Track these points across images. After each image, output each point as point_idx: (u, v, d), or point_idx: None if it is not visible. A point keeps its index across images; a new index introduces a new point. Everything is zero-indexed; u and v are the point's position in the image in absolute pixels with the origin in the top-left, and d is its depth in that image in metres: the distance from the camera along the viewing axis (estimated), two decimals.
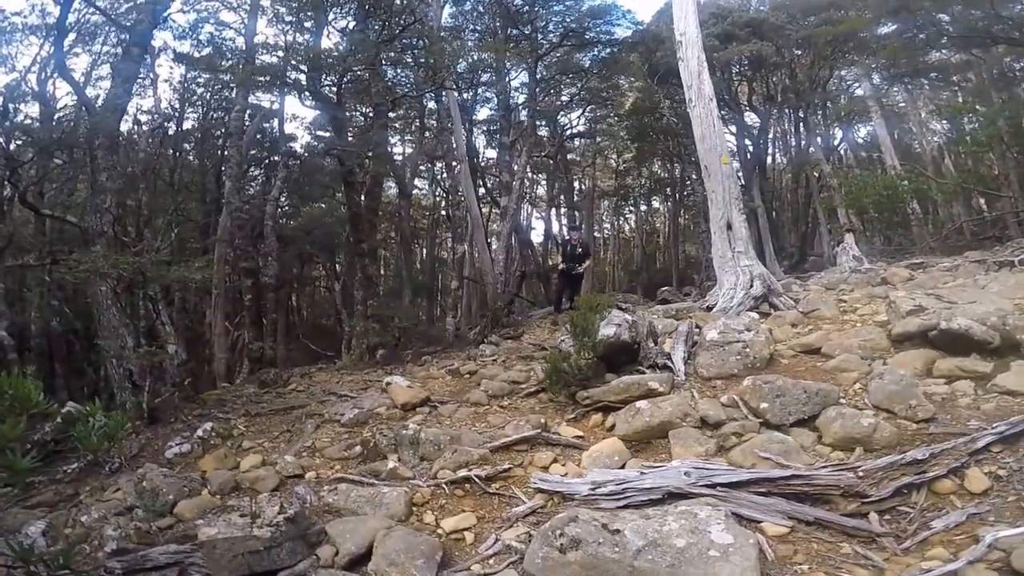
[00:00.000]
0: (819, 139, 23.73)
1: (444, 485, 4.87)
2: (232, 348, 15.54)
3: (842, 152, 28.46)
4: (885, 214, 20.57)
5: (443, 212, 27.65)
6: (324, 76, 12.59)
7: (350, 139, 13.39)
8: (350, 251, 15.94)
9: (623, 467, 4.83)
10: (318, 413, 7.42)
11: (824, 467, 4.29)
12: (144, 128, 19.88)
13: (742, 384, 5.64)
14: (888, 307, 7.51)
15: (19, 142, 12.49)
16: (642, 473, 4.38)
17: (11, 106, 14.42)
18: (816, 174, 22.84)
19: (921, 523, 3.77)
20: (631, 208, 38.44)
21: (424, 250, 32.04)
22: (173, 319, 13.58)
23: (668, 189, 32.53)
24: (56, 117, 15.28)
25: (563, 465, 5.14)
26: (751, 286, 10.07)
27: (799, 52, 21.20)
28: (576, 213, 31.70)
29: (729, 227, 10.85)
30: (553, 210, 32.23)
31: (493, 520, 4.47)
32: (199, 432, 6.80)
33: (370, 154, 13.50)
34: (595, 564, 3.45)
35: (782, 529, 3.80)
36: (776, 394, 5.21)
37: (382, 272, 28.30)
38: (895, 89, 25.60)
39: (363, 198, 13.87)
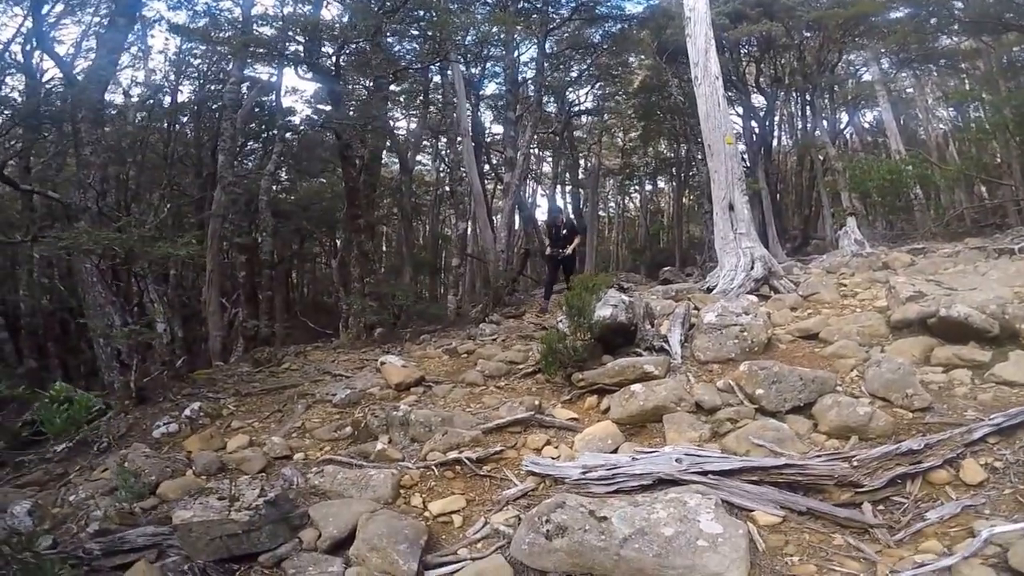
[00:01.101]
0: (825, 122, 23.52)
1: (434, 467, 4.80)
2: (229, 326, 15.39)
3: (848, 136, 28.23)
4: (888, 198, 20.45)
5: (446, 188, 27.45)
6: (322, 47, 12.41)
7: (350, 113, 13.17)
8: (347, 227, 15.72)
9: (616, 451, 4.76)
10: (310, 393, 7.34)
11: (818, 456, 4.22)
12: (134, 100, 19.55)
13: (738, 369, 5.55)
14: (888, 292, 7.44)
15: (2, 116, 12.22)
16: (633, 459, 4.31)
17: None
18: (821, 157, 22.69)
19: (915, 514, 3.71)
20: (636, 188, 38.27)
21: (427, 226, 31.91)
22: (168, 296, 13.51)
23: (673, 169, 32.42)
24: (43, 91, 14.90)
25: (556, 447, 5.07)
26: (752, 268, 10.00)
27: (809, 34, 20.97)
28: (580, 191, 31.50)
29: (731, 208, 10.75)
30: (558, 188, 31.99)
31: (483, 503, 4.40)
32: (187, 412, 6.72)
33: (369, 128, 13.33)
34: (581, 551, 3.41)
35: (774, 519, 3.73)
36: (772, 380, 5.12)
37: (384, 248, 28.21)
38: (903, 75, 25.39)
39: (361, 173, 13.70)
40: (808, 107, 23.51)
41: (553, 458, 4.78)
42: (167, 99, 20.51)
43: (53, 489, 5.32)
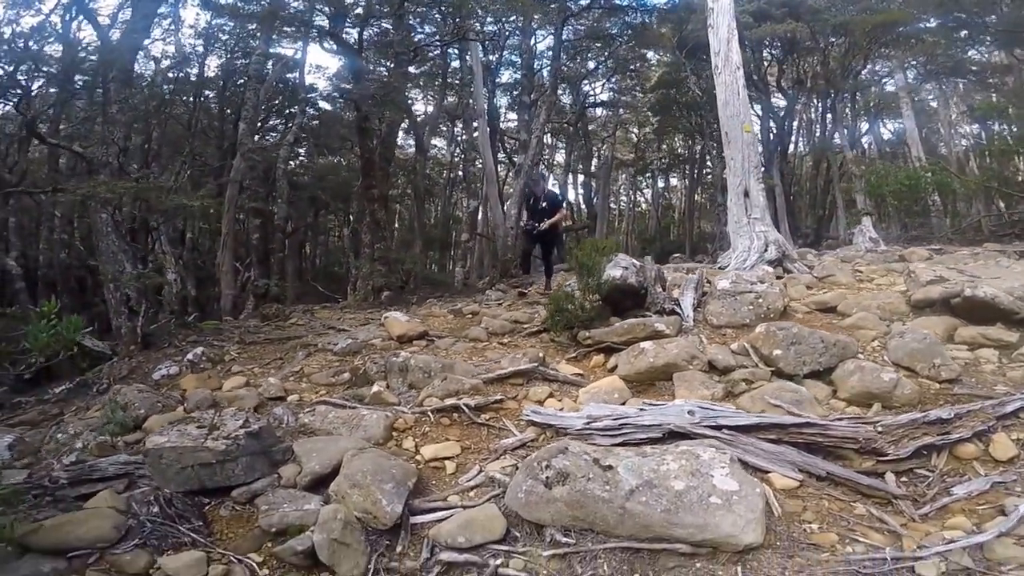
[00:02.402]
0: (845, 129, 23.19)
1: (430, 413, 4.56)
2: (241, 288, 15.41)
3: (866, 145, 27.87)
4: (905, 203, 20.06)
5: (459, 172, 27.36)
6: (347, 23, 12.69)
7: (370, 88, 13.20)
8: (362, 197, 15.80)
9: (623, 405, 4.48)
10: (312, 344, 7.13)
11: (840, 419, 3.95)
12: (163, 67, 19.51)
13: (755, 331, 5.27)
14: (907, 277, 7.16)
15: (40, 79, 12.39)
16: (642, 410, 4.05)
17: (32, 44, 14.43)
18: (839, 162, 22.35)
19: (941, 488, 3.48)
20: (648, 183, 37.99)
21: (439, 208, 31.73)
22: (183, 258, 13.51)
23: (686, 166, 32.11)
24: (77, 58, 15.18)
25: (559, 400, 4.83)
26: (765, 250, 9.78)
27: (834, 39, 20.61)
28: (592, 182, 31.14)
29: (746, 194, 10.53)
30: (570, 176, 31.62)
31: (479, 451, 4.17)
32: (190, 356, 6.66)
33: (388, 100, 13.30)
34: (583, 503, 3.16)
35: (791, 482, 3.48)
36: (791, 341, 4.84)
37: (396, 225, 28.19)
38: (927, 87, 24.90)
39: (377, 147, 13.88)
40: (829, 112, 23.20)
41: (556, 409, 4.52)
42: (194, 72, 20.61)
43: (45, 428, 5.21)
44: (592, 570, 3.03)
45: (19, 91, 10.51)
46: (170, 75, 19.43)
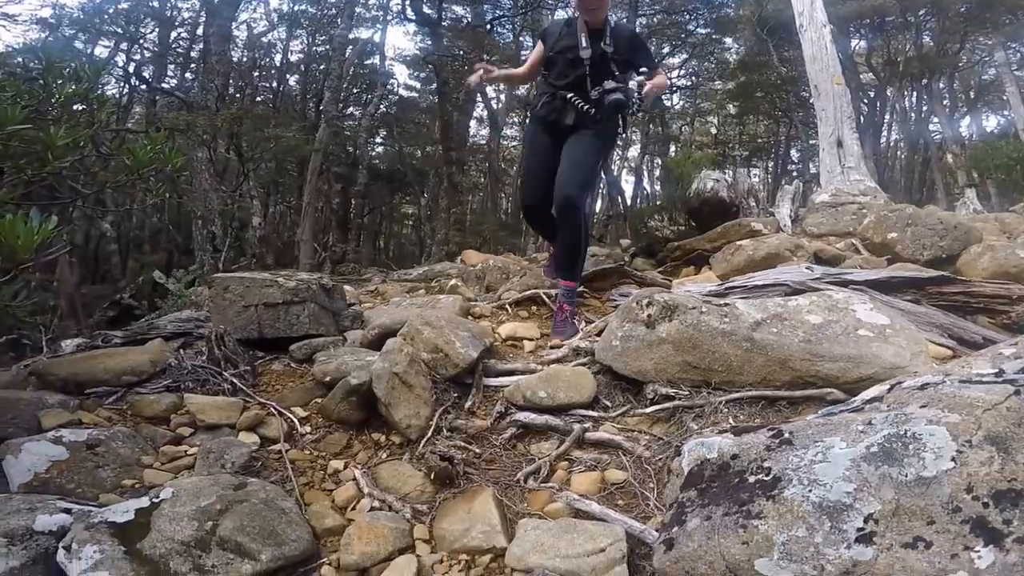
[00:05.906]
0: (945, 110, 21.80)
1: (508, 306, 4.22)
2: (319, 266, 15.74)
3: (966, 137, 26.26)
4: (1014, 176, 18.72)
5: None
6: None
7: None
8: (441, 161, 15.87)
9: None
10: (388, 277, 7.01)
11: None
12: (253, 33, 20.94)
13: (862, 223, 4.75)
14: None
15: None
16: (750, 277, 3.60)
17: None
18: (938, 145, 21.07)
19: None
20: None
21: (509, 202, 31.57)
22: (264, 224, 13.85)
23: (769, 156, 30.88)
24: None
25: None
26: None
27: (928, 17, 19.41)
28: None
29: (840, 144, 9.88)
30: (645, 159, 30.74)
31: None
32: None
33: (468, 60, 13.53)
34: (696, 340, 2.60)
35: (942, 350, 2.82)
36: (906, 222, 4.33)
37: (468, 215, 28.40)
38: None
39: (455, 112, 14.20)
40: (925, 93, 21.89)
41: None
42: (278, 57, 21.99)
43: None
44: (712, 423, 2.41)
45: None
46: (258, 36, 20.87)
